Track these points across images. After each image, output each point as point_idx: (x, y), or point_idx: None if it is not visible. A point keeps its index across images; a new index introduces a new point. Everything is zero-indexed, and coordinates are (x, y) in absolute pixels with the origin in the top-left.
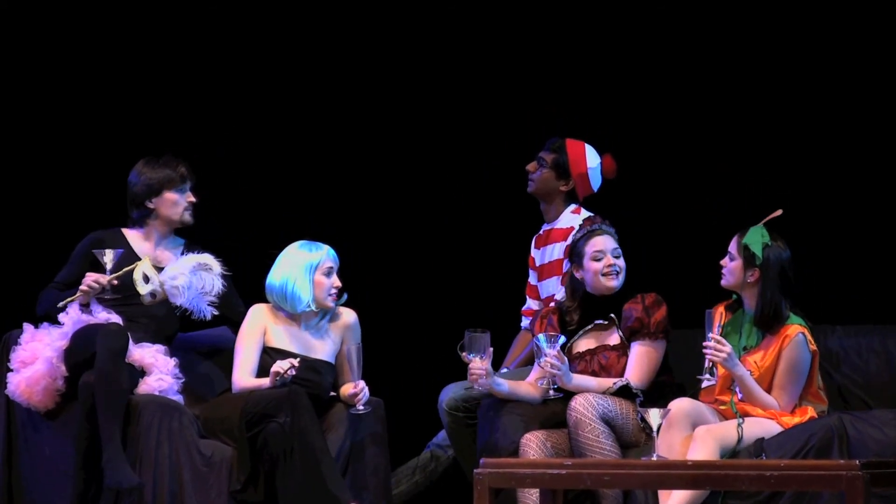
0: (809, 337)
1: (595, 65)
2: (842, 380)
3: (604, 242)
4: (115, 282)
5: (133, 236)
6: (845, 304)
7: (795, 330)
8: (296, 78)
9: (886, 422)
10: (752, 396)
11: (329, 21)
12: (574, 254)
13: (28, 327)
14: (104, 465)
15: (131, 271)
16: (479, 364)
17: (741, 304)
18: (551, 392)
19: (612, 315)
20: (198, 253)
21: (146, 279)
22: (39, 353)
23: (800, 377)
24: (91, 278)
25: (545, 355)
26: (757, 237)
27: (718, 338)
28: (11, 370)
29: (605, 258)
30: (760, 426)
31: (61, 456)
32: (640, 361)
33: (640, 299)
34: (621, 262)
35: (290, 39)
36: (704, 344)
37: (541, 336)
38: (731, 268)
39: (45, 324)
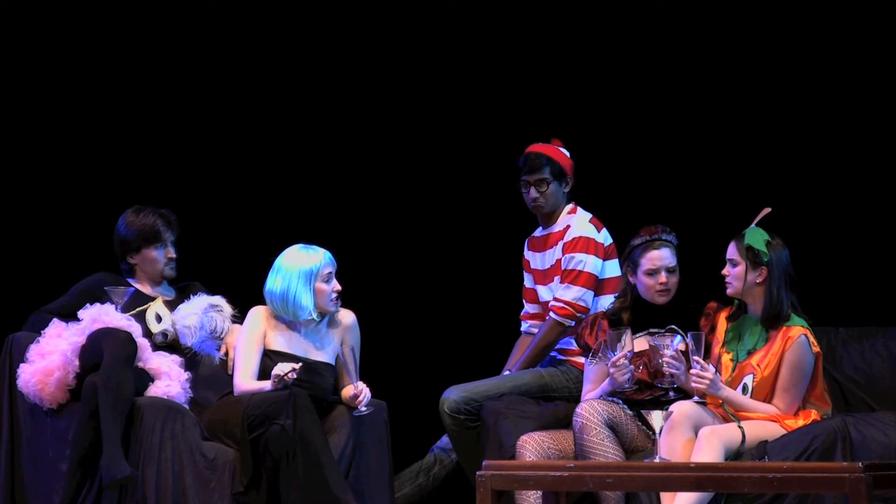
0: (812, 338)
1: (586, 70)
2: (844, 382)
3: (660, 257)
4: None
5: (134, 281)
6: (848, 306)
7: (798, 332)
8: (292, 80)
9: (889, 424)
10: (745, 411)
11: (326, 27)
12: (630, 260)
13: (56, 321)
14: (101, 465)
15: (144, 311)
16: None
17: (744, 310)
18: (671, 394)
19: (674, 326)
20: (209, 294)
21: (158, 319)
22: (56, 347)
23: (803, 379)
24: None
25: (663, 357)
26: (758, 237)
27: (703, 363)
28: (24, 361)
29: (658, 276)
30: (763, 428)
31: (64, 458)
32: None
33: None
34: (674, 280)
35: (287, 44)
36: (691, 371)
37: (657, 338)
38: (735, 274)
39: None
